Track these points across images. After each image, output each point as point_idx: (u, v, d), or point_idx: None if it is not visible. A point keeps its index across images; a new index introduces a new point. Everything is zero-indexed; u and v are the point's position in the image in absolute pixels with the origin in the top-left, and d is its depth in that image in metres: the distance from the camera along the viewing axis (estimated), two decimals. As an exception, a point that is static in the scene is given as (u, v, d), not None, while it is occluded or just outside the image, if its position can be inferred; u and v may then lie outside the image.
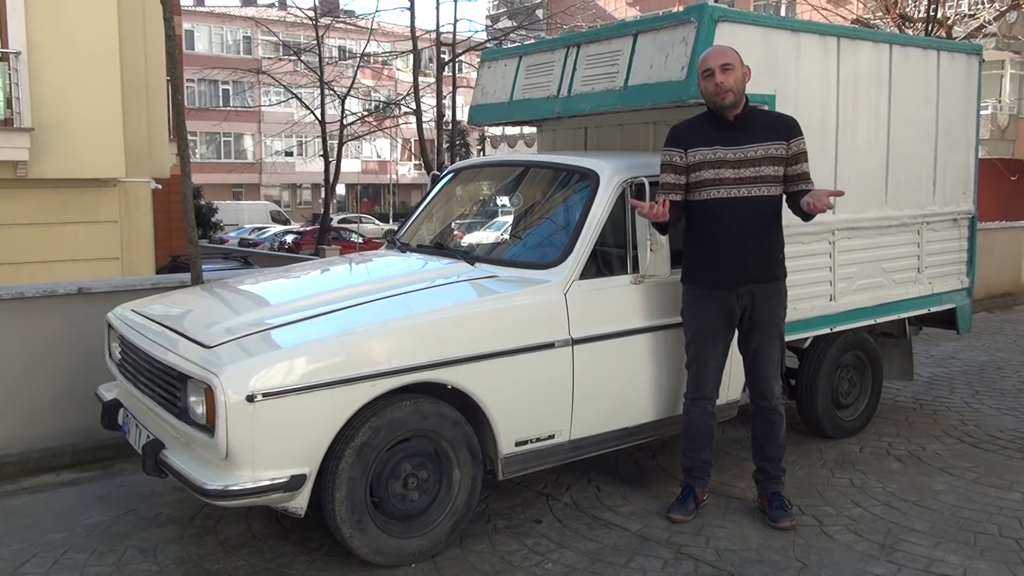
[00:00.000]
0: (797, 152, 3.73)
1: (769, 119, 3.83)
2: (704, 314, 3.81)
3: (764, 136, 3.70)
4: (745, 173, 3.67)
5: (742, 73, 3.67)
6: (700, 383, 3.85)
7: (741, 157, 3.67)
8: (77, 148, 8.93)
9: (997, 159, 20.65)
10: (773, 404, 3.87)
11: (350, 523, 3.23)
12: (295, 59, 21.64)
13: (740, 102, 3.69)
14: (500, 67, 5.17)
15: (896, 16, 15.17)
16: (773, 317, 3.81)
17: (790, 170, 3.74)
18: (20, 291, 4.77)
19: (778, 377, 3.89)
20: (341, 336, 3.26)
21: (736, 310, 3.78)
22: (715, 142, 3.70)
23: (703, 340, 3.82)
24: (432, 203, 4.98)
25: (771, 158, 3.69)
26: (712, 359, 3.83)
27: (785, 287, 3.88)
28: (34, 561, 3.52)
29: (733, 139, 3.69)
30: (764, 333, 3.80)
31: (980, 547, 3.60)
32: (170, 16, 5.30)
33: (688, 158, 3.74)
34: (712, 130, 3.73)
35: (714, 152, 3.70)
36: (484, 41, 23.98)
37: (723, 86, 3.62)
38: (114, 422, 3.88)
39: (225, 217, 28.49)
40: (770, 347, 3.82)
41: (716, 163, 3.69)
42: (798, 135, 3.76)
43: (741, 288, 3.74)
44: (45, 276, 7.03)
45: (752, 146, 3.69)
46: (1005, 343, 8.24)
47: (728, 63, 3.63)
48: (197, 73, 32.31)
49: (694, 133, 3.77)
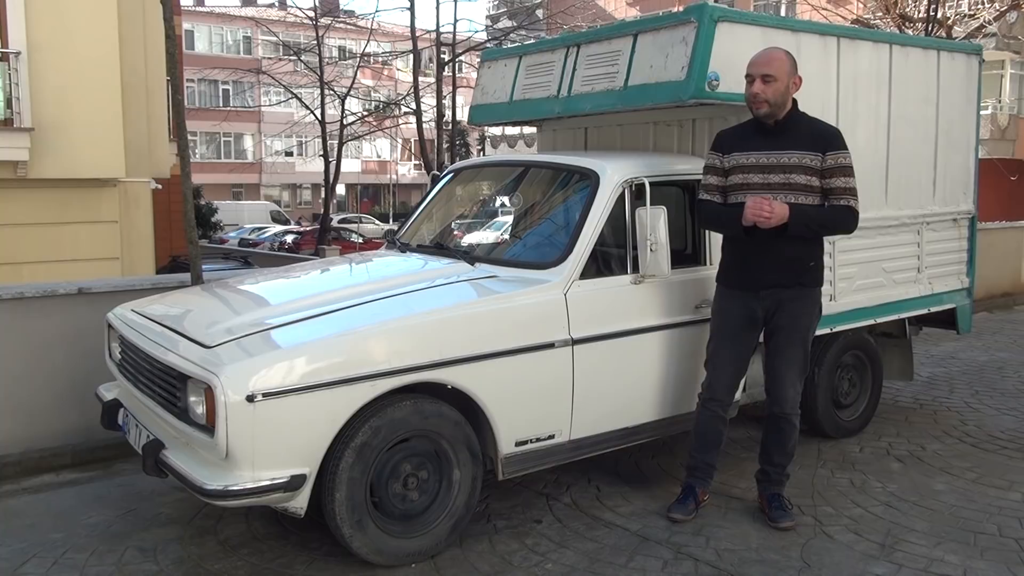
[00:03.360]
0: (833, 166, 3.63)
1: (812, 128, 3.73)
2: (726, 314, 3.82)
3: (801, 145, 3.65)
4: (774, 179, 3.64)
5: (787, 84, 3.62)
6: (712, 383, 3.85)
7: (774, 163, 3.66)
8: (77, 148, 8.93)
9: (997, 159, 20.63)
10: (786, 412, 3.81)
11: (350, 523, 3.23)
12: (295, 59, 21.65)
13: (778, 112, 3.66)
14: (500, 67, 5.18)
15: (896, 16, 15.17)
16: (795, 323, 3.75)
17: (824, 183, 3.66)
18: (20, 291, 4.77)
19: (796, 385, 3.80)
20: (341, 336, 3.26)
21: (759, 314, 3.76)
22: (752, 147, 3.71)
23: (721, 339, 3.83)
24: (432, 203, 4.98)
25: (804, 167, 3.63)
26: (727, 360, 3.81)
27: (816, 296, 3.81)
28: (34, 561, 3.52)
29: (770, 145, 3.68)
30: (784, 337, 3.76)
31: (980, 547, 3.60)
32: (170, 16, 5.31)
33: (726, 162, 3.76)
34: (754, 135, 3.74)
35: (747, 157, 3.70)
36: (484, 41, 23.98)
37: (758, 96, 3.62)
38: (114, 422, 3.88)
39: (225, 217, 28.48)
40: (788, 351, 3.76)
41: (747, 168, 3.69)
42: (837, 148, 3.66)
43: (764, 291, 3.72)
44: (45, 276, 7.03)
45: (787, 152, 3.65)
46: (1005, 343, 8.24)
47: (771, 75, 3.59)
48: (197, 73, 32.32)
49: (736, 138, 3.79)
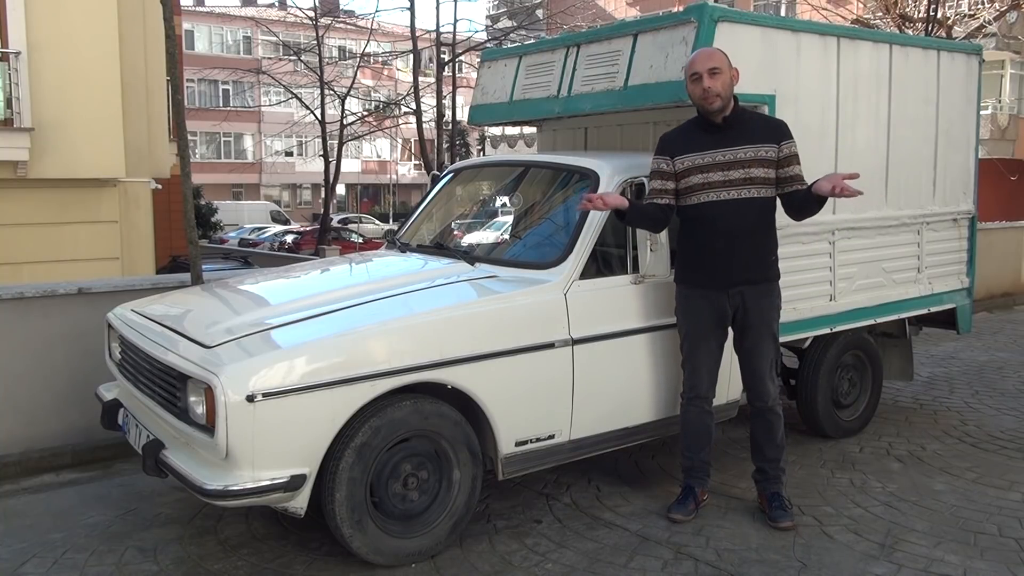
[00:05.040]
0: (788, 155, 3.71)
1: (758, 121, 3.81)
2: (695, 314, 3.82)
3: (754, 138, 3.69)
4: (734, 175, 3.66)
5: (730, 76, 3.66)
6: (695, 382, 3.86)
7: (731, 159, 3.67)
8: (77, 148, 8.92)
9: (997, 159, 20.64)
10: (769, 404, 3.87)
11: (350, 523, 3.23)
12: (295, 59, 21.63)
13: (728, 106, 3.68)
14: (500, 67, 5.18)
15: (896, 16, 15.17)
16: (765, 318, 3.81)
17: (781, 172, 3.72)
18: (20, 291, 4.77)
19: (773, 377, 3.88)
20: (341, 336, 3.26)
21: (728, 310, 3.78)
22: (704, 147, 3.71)
23: (695, 339, 3.84)
24: (432, 203, 4.98)
25: (761, 160, 3.68)
26: (705, 359, 3.84)
27: (778, 288, 3.87)
28: (34, 561, 3.52)
29: (722, 142, 3.69)
30: (756, 334, 3.80)
31: (980, 547, 3.60)
32: (170, 16, 5.30)
33: (676, 165, 3.75)
34: (701, 135, 3.74)
35: (702, 157, 3.70)
36: (484, 41, 23.96)
37: (711, 91, 3.61)
38: (114, 422, 3.88)
39: (225, 217, 28.47)
40: (763, 347, 3.83)
41: (704, 167, 3.69)
42: (788, 137, 3.74)
43: (732, 289, 3.75)
44: (45, 276, 7.03)
45: (742, 148, 3.68)
46: (1005, 343, 8.24)
47: (716, 67, 3.61)
48: (197, 73, 32.28)
49: (682, 140, 3.78)
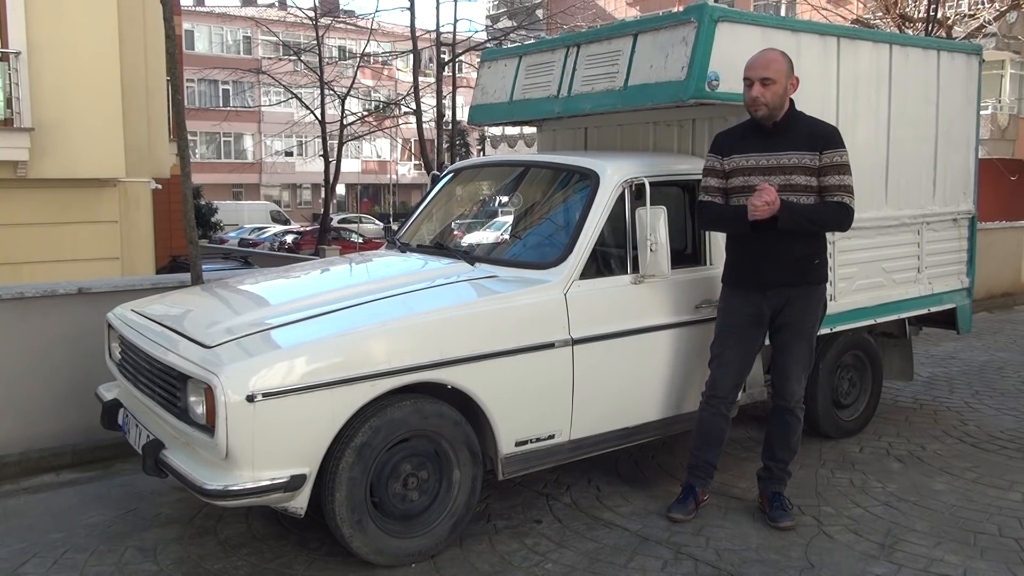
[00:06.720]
0: (828, 164, 3.66)
1: (809, 128, 3.75)
2: (731, 312, 3.84)
3: (799, 145, 3.68)
4: (775, 181, 3.66)
5: (785, 86, 3.65)
6: (715, 380, 3.86)
7: (773, 164, 3.68)
8: (77, 148, 8.93)
9: (997, 159, 20.65)
10: (790, 405, 3.86)
11: (350, 523, 3.23)
12: (295, 59, 21.64)
13: (776, 114, 3.69)
14: (500, 67, 5.17)
15: (896, 16, 15.18)
16: (802, 320, 3.79)
17: (820, 181, 3.69)
18: (20, 291, 4.76)
19: (801, 380, 3.86)
20: (341, 336, 3.26)
21: (765, 312, 3.78)
22: (751, 149, 3.73)
23: (726, 336, 3.84)
24: (432, 203, 4.98)
25: (803, 167, 3.66)
26: (731, 357, 3.82)
27: (821, 292, 3.85)
28: (34, 561, 3.52)
29: (769, 146, 3.70)
30: (790, 332, 3.80)
31: (980, 547, 3.60)
32: (170, 16, 5.30)
33: (725, 164, 3.78)
34: (752, 137, 3.76)
35: (747, 159, 3.72)
36: (484, 41, 23.97)
37: (758, 100, 3.64)
38: (114, 422, 3.88)
39: (225, 217, 28.50)
40: (794, 347, 3.81)
41: (748, 170, 3.72)
42: (834, 147, 3.68)
43: (770, 291, 3.75)
44: (45, 276, 7.03)
45: (786, 154, 3.68)
46: (1005, 343, 8.24)
47: (769, 78, 3.61)
48: (197, 73, 32.30)
49: (734, 140, 3.81)
